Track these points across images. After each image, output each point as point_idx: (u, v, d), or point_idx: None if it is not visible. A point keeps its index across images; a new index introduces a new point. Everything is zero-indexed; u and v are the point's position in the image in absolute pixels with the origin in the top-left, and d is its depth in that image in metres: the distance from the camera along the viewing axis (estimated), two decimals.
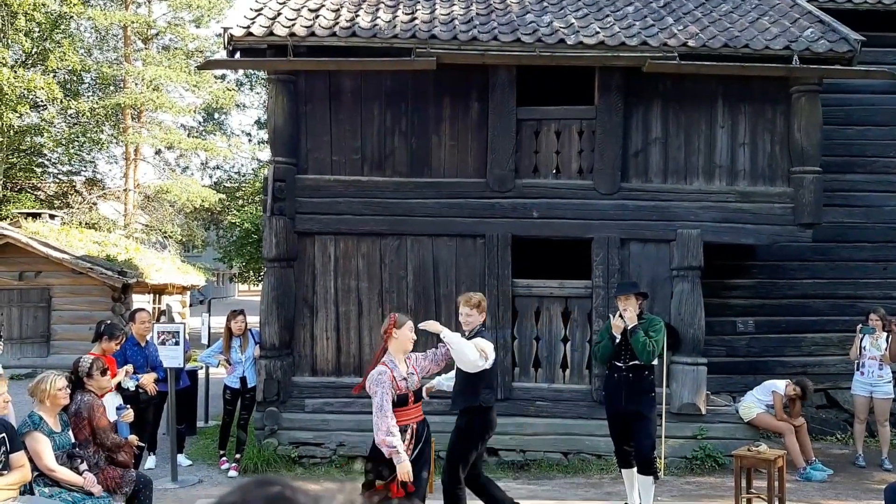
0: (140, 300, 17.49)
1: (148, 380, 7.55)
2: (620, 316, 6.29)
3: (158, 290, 19.60)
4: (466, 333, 5.51)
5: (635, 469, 6.31)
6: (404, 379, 4.97)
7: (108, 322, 7.77)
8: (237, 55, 8.36)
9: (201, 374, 10.68)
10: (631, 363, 6.26)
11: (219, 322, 10.73)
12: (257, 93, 32.40)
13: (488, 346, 5.39)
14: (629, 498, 6.50)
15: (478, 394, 5.45)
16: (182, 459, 8.38)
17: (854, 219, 10.22)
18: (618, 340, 6.29)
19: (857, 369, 8.55)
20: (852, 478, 8.01)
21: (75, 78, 26.63)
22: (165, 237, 29.67)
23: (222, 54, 8.50)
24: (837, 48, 8.01)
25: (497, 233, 8.40)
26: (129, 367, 7.42)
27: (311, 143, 8.52)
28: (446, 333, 5.29)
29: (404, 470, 4.73)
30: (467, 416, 5.51)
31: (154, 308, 18.86)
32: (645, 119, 8.52)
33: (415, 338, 5.17)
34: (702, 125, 8.50)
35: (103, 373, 5.88)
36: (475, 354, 5.24)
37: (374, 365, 5.03)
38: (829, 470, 8.05)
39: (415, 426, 5.01)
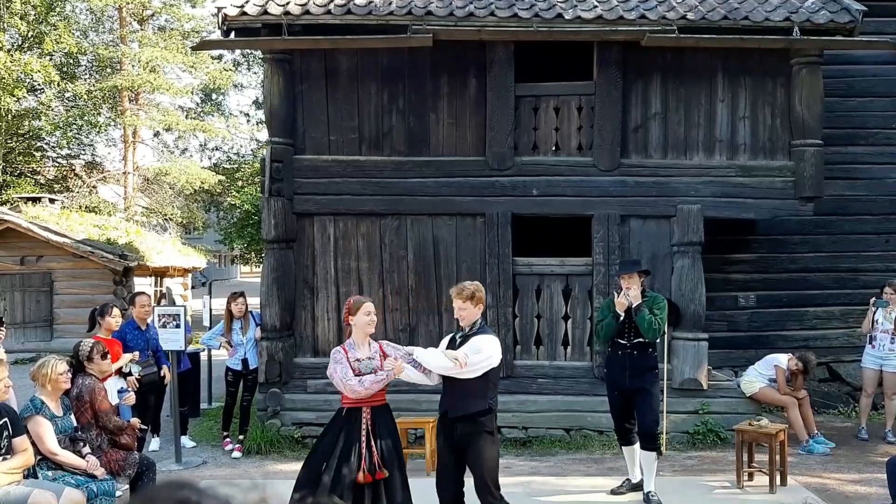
0: (141, 283, 17.52)
1: (164, 370, 7.85)
2: (624, 294, 6.26)
3: (160, 273, 19.63)
4: (465, 330, 4.95)
5: (636, 446, 6.32)
6: (358, 360, 4.74)
7: (97, 306, 7.79)
8: (232, 35, 8.29)
9: (203, 356, 10.71)
10: (635, 341, 6.24)
11: (220, 304, 10.73)
12: (255, 73, 32.21)
13: (482, 348, 4.76)
14: (630, 474, 6.52)
15: (486, 396, 4.85)
16: (186, 441, 8.43)
17: (856, 192, 10.17)
18: (621, 318, 6.27)
19: (869, 342, 8.53)
20: (855, 451, 8.03)
21: (72, 60, 26.50)
22: (166, 219, 29.66)
23: (218, 34, 8.43)
24: (838, 19, 7.92)
25: (497, 211, 8.37)
26: (136, 354, 7.44)
27: (308, 123, 8.47)
28: (416, 353, 4.91)
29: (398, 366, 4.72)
30: (483, 419, 4.85)
31: (155, 291, 18.89)
32: (644, 94, 8.45)
33: (374, 320, 4.89)
34: (701, 99, 8.44)
35: (104, 356, 5.90)
36: (446, 363, 4.72)
37: None
38: (832, 443, 8.07)
39: (368, 411, 4.73)
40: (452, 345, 4.96)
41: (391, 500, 4.70)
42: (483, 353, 4.75)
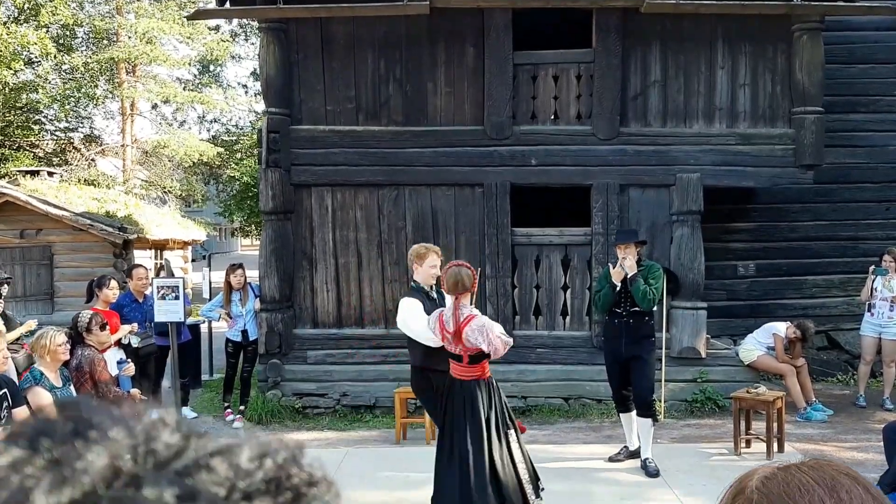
0: (141, 256, 17.51)
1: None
2: (620, 263, 6.26)
3: (160, 246, 19.61)
4: (431, 287, 5.39)
5: (634, 413, 6.36)
6: None
7: (93, 278, 7.80)
8: (227, 4, 8.20)
9: (204, 327, 10.73)
10: (632, 310, 6.26)
11: (220, 277, 10.73)
12: (252, 44, 31.85)
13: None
14: (628, 441, 6.57)
15: None
16: (187, 412, 8.47)
17: (857, 159, 10.11)
18: (618, 289, 6.27)
19: (868, 310, 8.54)
20: (852, 418, 8.08)
21: (68, 32, 26.22)
22: (165, 192, 29.57)
23: (213, 4, 8.33)
24: None
25: (496, 181, 8.33)
26: (135, 326, 7.46)
27: (305, 93, 8.41)
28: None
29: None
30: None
31: (155, 263, 18.89)
32: (643, 61, 8.37)
33: None
34: (701, 66, 8.36)
35: (102, 327, 5.90)
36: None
37: (463, 321, 4.75)
38: (830, 410, 8.11)
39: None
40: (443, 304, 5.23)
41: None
42: None
